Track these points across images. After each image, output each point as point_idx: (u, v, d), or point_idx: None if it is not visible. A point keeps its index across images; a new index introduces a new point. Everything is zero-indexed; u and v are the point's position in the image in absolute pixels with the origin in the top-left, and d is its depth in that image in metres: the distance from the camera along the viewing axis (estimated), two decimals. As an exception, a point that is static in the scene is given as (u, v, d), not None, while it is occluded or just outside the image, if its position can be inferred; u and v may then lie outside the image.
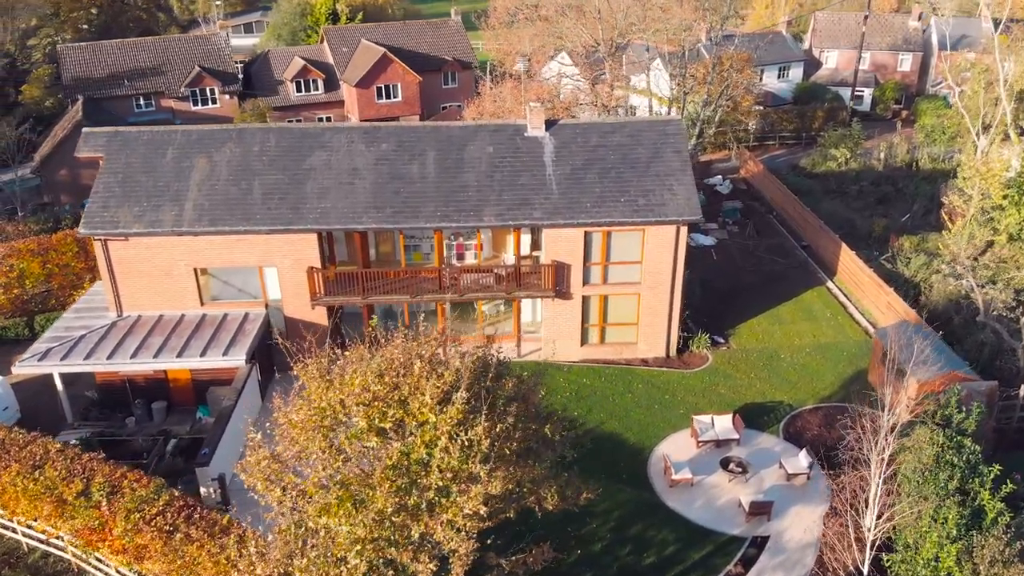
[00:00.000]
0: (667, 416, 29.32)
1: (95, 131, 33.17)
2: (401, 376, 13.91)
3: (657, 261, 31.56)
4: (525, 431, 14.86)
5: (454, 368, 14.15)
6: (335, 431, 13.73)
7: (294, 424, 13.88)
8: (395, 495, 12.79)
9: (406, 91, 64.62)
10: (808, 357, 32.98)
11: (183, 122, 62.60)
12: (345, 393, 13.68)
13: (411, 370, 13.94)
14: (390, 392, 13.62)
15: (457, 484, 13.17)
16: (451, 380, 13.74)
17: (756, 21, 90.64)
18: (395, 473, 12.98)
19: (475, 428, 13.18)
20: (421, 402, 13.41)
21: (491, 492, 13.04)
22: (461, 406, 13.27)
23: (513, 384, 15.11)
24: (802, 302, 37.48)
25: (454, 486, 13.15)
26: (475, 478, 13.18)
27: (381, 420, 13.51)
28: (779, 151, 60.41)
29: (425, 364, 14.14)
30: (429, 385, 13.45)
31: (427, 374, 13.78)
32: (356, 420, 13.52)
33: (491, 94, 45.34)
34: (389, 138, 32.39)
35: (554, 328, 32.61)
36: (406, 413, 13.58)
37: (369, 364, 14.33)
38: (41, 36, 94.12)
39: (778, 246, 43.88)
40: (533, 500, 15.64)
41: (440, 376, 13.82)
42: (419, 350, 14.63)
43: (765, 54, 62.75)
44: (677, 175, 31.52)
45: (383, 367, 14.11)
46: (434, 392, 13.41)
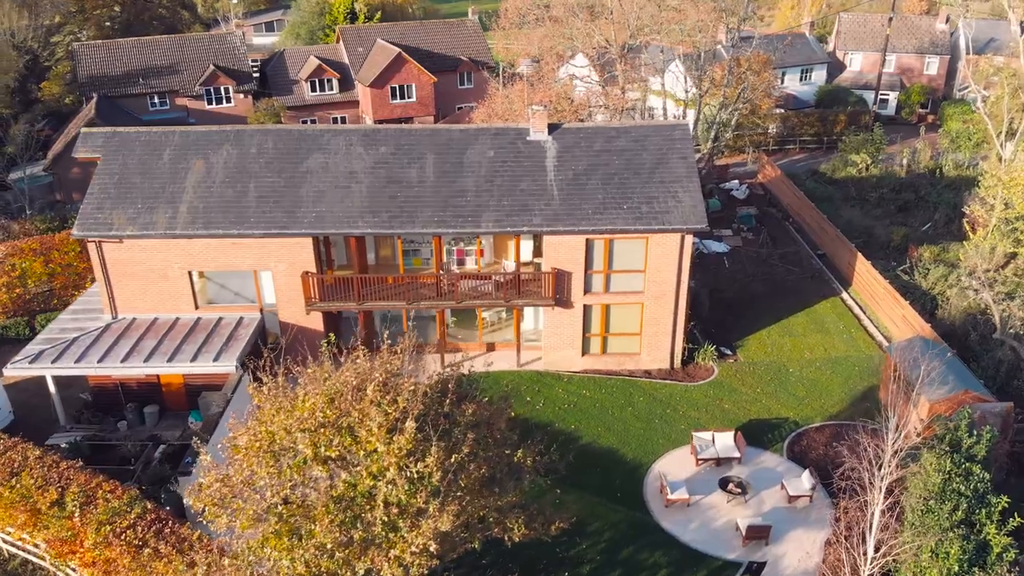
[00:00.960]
0: (667, 431, 28.34)
1: (93, 131, 32.85)
2: (352, 401, 13.15)
3: (661, 270, 30.58)
4: (490, 459, 14.01)
5: (407, 393, 13.32)
6: (282, 458, 13.01)
7: (238, 449, 13.19)
8: (337, 529, 12.04)
9: (421, 91, 64.03)
10: (818, 372, 31.81)
11: (197, 121, 62.57)
12: (294, 418, 12.96)
13: (364, 395, 13.18)
14: (340, 418, 12.87)
15: (404, 519, 12.37)
16: (403, 407, 12.94)
17: (782, 22, 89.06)
18: (337, 506, 12.23)
19: (426, 460, 12.38)
20: (368, 430, 12.64)
21: (440, 528, 12.23)
22: (411, 435, 12.47)
23: (474, 410, 14.23)
24: (815, 313, 36.25)
25: (401, 521, 12.36)
26: (424, 513, 12.38)
27: (327, 448, 12.77)
28: (799, 155, 59.00)
29: (378, 388, 13.35)
30: (377, 412, 12.66)
31: (378, 400, 13.00)
32: (301, 448, 12.79)
33: (501, 95, 44.49)
34: (388, 141, 31.71)
35: (554, 337, 31.75)
36: (354, 441, 12.83)
37: (322, 387, 13.55)
38: (64, 33, 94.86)
39: (793, 254, 42.64)
40: (499, 531, 14.78)
41: (393, 402, 13.02)
42: (373, 373, 13.80)
43: (787, 56, 61.42)
44: (683, 182, 30.52)
45: (335, 391, 13.34)
46: (382, 420, 12.62)
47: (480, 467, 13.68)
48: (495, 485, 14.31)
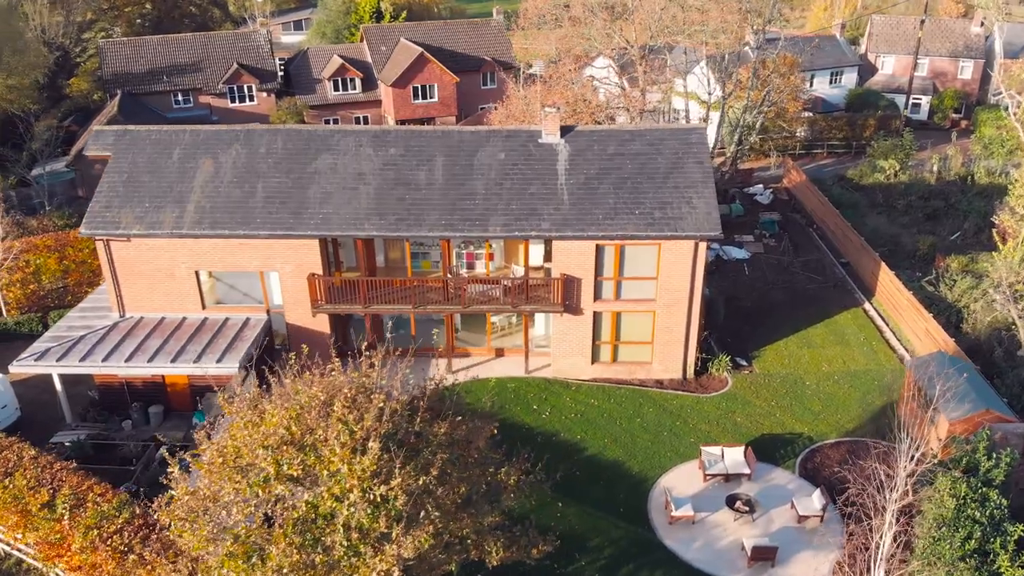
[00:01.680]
0: (676, 444, 27.53)
1: (105, 129, 32.80)
2: (318, 418, 12.60)
3: (674, 277, 29.77)
4: (467, 479, 13.38)
5: (375, 411, 12.71)
6: (249, 474, 12.52)
7: (200, 464, 12.73)
8: (296, 552, 11.52)
9: (443, 91, 63.61)
10: (835, 385, 30.78)
11: (220, 119, 62.71)
12: (260, 433, 12.46)
13: (332, 410, 12.63)
14: (305, 435, 12.34)
15: (367, 544, 11.80)
16: (369, 425, 12.35)
17: (815, 23, 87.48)
18: (295, 528, 11.70)
19: (390, 482, 11.79)
20: (331, 449, 12.09)
21: (404, 555, 11.64)
22: (374, 457, 11.89)
23: (448, 429, 13.58)
24: (835, 324, 35.16)
25: (363, 546, 11.80)
26: (388, 537, 11.81)
27: (289, 467, 12.25)
28: (827, 160, 57.65)
29: (346, 405, 12.79)
30: (343, 430, 12.08)
31: (345, 417, 12.44)
32: (263, 465, 12.28)
33: (518, 97, 43.90)
34: (398, 142, 31.25)
35: (563, 344, 31.08)
36: (318, 460, 12.30)
37: (291, 401, 13.03)
38: (96, 30, 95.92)
39: (815, 262, 41.51)
40: (476, 553, 14.15)
41: (359, 420, 12.44)
42: (343, 388, 13.21)
43: (816, 58, 60.08)
44: (698, 187, 29.68)
45: (302, 406, 12.80)
46: (346, 439, 12.06)
47: (455, 488, 13.06)
48: (471, 506, 13.68)
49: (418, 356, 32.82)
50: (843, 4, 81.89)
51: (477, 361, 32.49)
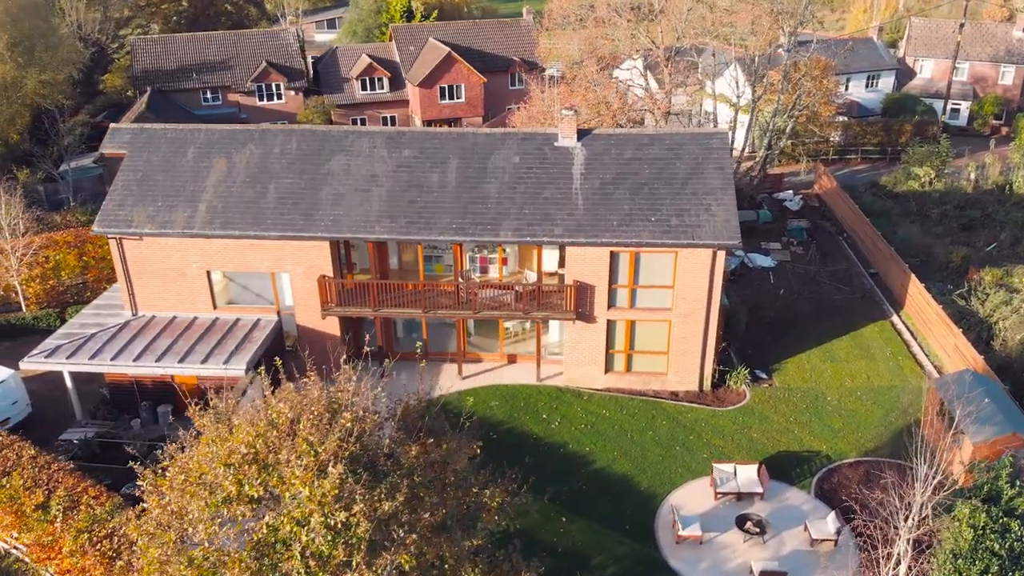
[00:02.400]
0: (688, 460, 26.68)
1: (121, 127, 32.80)
2: (284, 436, 12.08)
3: (690, 287, 28.90)
4: (441, 503, 12.74)
5: (341, 431, 12.11)
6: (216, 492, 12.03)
7: (162, 481, 12.30)
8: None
9: (470, 92, 63.17)
10: (858, 402, 29.68)
11: (248, 117, 62.93)
12: (225, 449, 11.98)
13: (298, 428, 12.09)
14: (269, 454, 11.84)
15: (325, 572, 11.25)
16: (334, 447, 11.77)
17: (854, 25, 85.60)
18: (253, 553, 11.20)
19: (353, 508, 11.22)
20: (293, 471, 11.55)
21: (365, 586, 11.08)
22: (335, 481, 11.32)
23: (419, 451, 12.95)
24: (860, 337, 33.98)
25: (322, 574, 11.24)
26: (349, 566, 11.25)
27: (250, 487, 11.76)
28: (861, 166, 56.13)
29: (314, 423, 12.24)
30: (304, 451, 11.52)
31: (310, 437, 11.90)
32: (225, 484, 11.79)
33: (540, 98, 43.24)
34: (412, 144, 30.77)
35: (576, 352, 30.37)
36: (280, 481, 11.78)
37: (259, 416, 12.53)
38: (132, 27, 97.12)
39: (843, 272, 40.25)
40: (453, 581, 13.51)
41: (324, 439, 11.88)
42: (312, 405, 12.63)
43: (852, 61, 58.53)
44: (717, 194, 28.78)
45: (271, 422, 12.28)
46: (309, 461, 11.51)
47: (430, 512, 12.42)
48: (446, 531, 13.07)
49: (430, 360, 32.40)
50: (883, 6, 79.87)
51: (489, 367, 31.91)
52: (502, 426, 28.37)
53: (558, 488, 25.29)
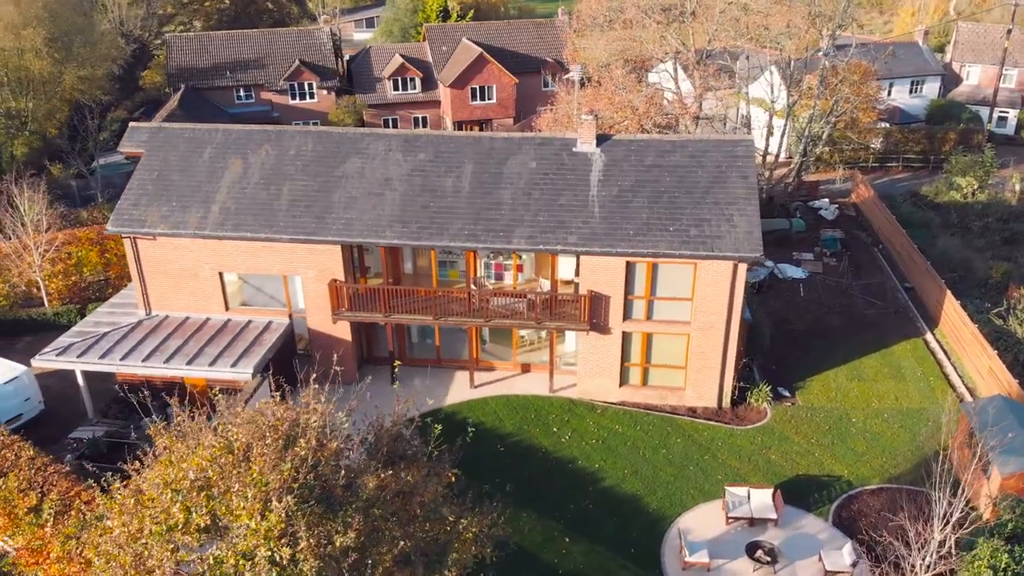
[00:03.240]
0: (701, 481, 25.65)
1: (140, 126, 32.72)
2: (238, 462, 11.46)
3: (710, 300, 27.85)
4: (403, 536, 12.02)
5: (296, 459, 11.44)
6: (160, 521, 11.45)
7: (110, 505, 11.79)
8: (190, 616, 10.46)
9: (501, 93, 62.52)
10: (884, 424, 28.34)
11: (280, 115, 63.06)
12: (178, 473, 11.42)
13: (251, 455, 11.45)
14: (220, 480, 11.24)
15: (268, 611, 10.65)
16: (284, 478, 11.10)
17: (901, 28, 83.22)
18: (192, 589, 10.64)
19: (299, 543, 10.55)
20: (238, 501, 10.93)
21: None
22: (281, 515, 10.65)
23: (384, 480, 12.20)
24: (891, 356, 32.54)
25: (265, 613, 10.65)
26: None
27: (198, 515, 11.18)
28: (902, 174, 54.25)
29: (263, 450, 11.59)
30: (252, 480, 10.88)
31: (262, 464, 11.26)
32: (174, 510, 11.23)
33: (566, 100, 42.37)
34: (428, 147, 30.18)
35: (590, 364, 29.50)
36: (229, 511, 11.17)
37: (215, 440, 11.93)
38: (175, 24, 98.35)
39: (877, 286, 38.71)
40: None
41: (274, 468, 11.23)
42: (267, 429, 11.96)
43: (895, 66, 56.65)
44: (740, 204, 27.68)
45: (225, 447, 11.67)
46: (256, 491, 10.87)
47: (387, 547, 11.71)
48: (409, 565, 12.36)
49: (443, 368, 31.88)
50: (931, 9, 77.35)
51: (501, 376, 31.20)
52: (510, 438, 27.63)
53: (563, 506, 24.50)
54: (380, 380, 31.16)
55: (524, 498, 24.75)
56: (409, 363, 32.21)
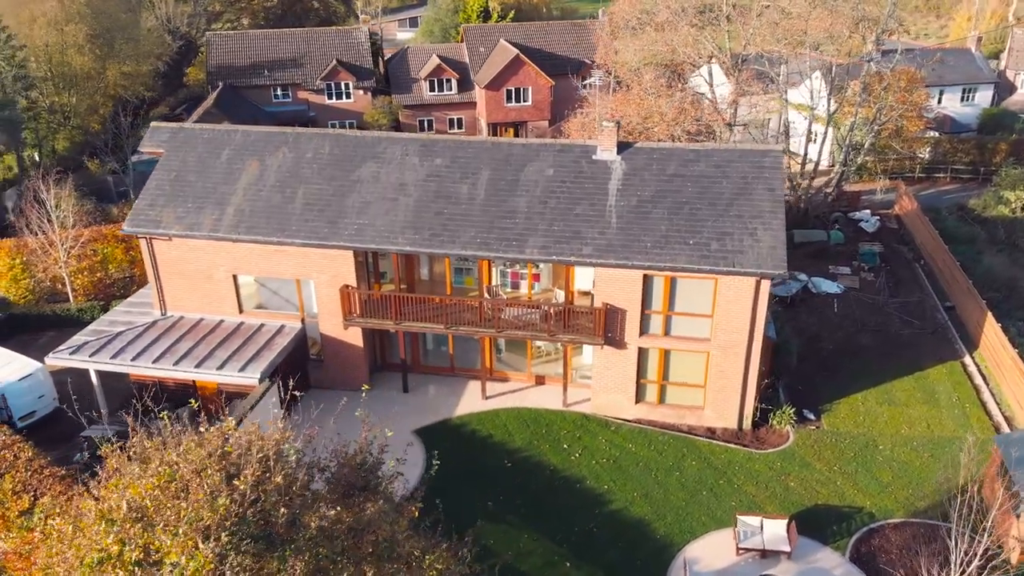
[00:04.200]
0: (713, 507, 24.54)
1: (161, 126, 32.67)
2: (179, 493, 10.84)
3: (731, 317, 26.69)
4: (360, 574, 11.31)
5: (234, 493, 10.76)
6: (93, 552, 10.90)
7: (49, 530, 11.30)
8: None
9: (537, 95, 61.70)
10: (913, 453, 26.87)
11: (317, 115, 63.12)
12: (115, 502, 10.87)
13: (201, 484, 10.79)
14: (157, 512, 10.63)
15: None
16: (220, 514, 10.44)
17: (956, 33, 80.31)
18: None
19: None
20: (170, 537, 10.32)
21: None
22: (210, 553, 10.02)
23: (320, 521, 11.39)
24: (925, 379, 30.95)
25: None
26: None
27: (130, 550, 10.60)
28: (949, 186, 52.07)
29: (205, 479, 10.95)
30: (186, 515, 10.24)
31: (198, 497, 10.62)
32: (107, 542, 10.68)
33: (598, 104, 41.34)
34: (445, 153, 29.53)
35: (605, 379, 28.56)
36: (161, 546, 10.55)
37: (157, 468, 11.34)
38: (223, 21, 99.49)
39: (915, 304, 37.00)
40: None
41: (209, 503, 10.59)
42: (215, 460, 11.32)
43: (946, 73, 54.43)
44: (765, 217, 26.47)
45: (167, 476, 11.07)
46: (188, 528, 10.23)
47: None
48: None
49: (456, 377, 31.27)
50: (988, 14, 74.39)
51: (515, 387, 30.46)
52: (519, 453, 26.85)
53: (567, 527, 23.63)
54: (392, 388, 30.68)
55: (527, 517, 23.98)
56: (423, 371, 31.70)
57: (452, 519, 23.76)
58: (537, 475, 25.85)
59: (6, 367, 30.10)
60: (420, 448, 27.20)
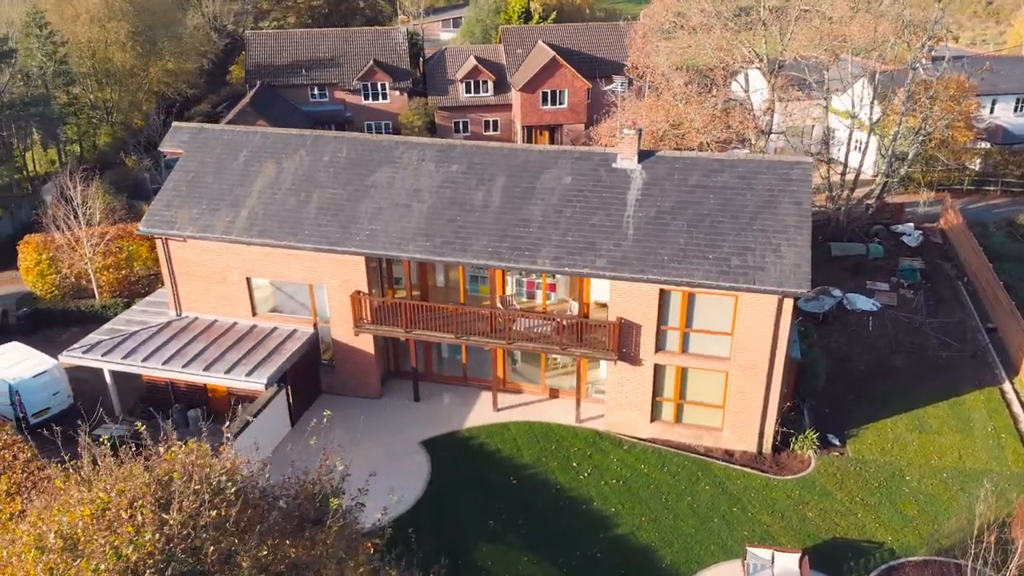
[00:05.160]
0: (724, 537, 23.42)
1: (182, 126, 32.58)
2: (108, 524, 10.27)
3: (752, 336, 25.52)
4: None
5: (161, 527, 10.15)
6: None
7: None
8: None
9: (573, 97, 60.81)
10: (942, 485, 25.38)
11: (353, 115, 63.08)
12: (49, 528, 10.36)
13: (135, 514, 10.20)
14: (85, 543, 10.09)
15: None
16: (149, 548, 9.83)
17: (1015, 39, 77.24)
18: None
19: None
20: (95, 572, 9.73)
21: None
22: None
23: (264, 558, 10.74)
24: (960, 406, 29.34)
25: None
26: None
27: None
28: (999, 200, 49.76)
29: (136, 511, 10.36)
30: (108, 550, 9.67)
31: (121, 532, 10.03)
32: (33, 572, 10.19)
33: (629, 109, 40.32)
34: (462, 159, 28.87)
35: (619, 395, 27.61)
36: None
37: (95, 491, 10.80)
38: (270, 20, 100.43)
39: (955, 325, 35.23)
40: None
41: (137, 535, 10.01)
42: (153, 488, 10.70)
43: (1000, 81, 52.08)
44: (790, 232, 25.25)
45: (103, 504, 10.54)
46: (111, 563, 9.64)
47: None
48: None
49: (469, 387, 30.63)
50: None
51: (528, 400, 29.69)
52: (526, 470, 26.06)
53: (570, 551, 22.76)
54: (403, 396, 30.13)
55: (529, 538, 23.18)
56: (436, 379, 31.12)
57: (450, 537, 23.25)
58: (543, 494, 25.02)
59: (22, 363, 30.23)
60: (425, 460, 26.59)
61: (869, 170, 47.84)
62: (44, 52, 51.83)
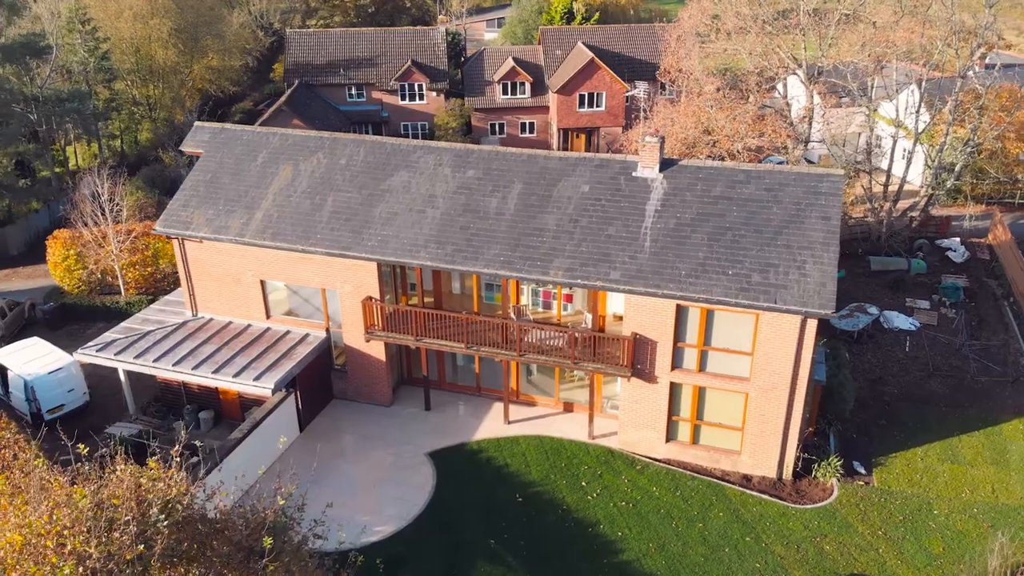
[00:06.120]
0: (734, 568, 22.30)
1: (203, 126, 32.46)
2: (36, 553, 9.74)
3: (773, 357, 24.34)
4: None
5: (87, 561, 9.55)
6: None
7: None
8: None
9: (611, 100, 59.57)
10: (971, 521, 23.89)
11: (390, 115, 62.88)
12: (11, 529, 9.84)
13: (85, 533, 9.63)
14: (16, 568, 9.60)
15: None
16: None
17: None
18: None
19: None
20: None
21: None
22: None
23: None
24: (997, 436, 27.70)
25: None
26: None
27: None
28: (1055, 215, 47.35)
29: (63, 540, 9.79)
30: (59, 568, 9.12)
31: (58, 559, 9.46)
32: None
33: (661, 114, 39.19)
34: (479, 164, 28.17)
35: (633, 413, 26.63)
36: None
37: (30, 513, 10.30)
38: (317, 18, 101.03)
39: (997, 348, 33.40)
40: None
41: (54, 570, 9.45)
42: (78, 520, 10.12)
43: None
44: (816, 249, 24.01)
45: (34, 528, 10.04)
46: None
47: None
48: None
49: (482, 397, 29.97)
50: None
51: (541, 413, 28.90)
52: (533, 487, 25.26)
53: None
54: (414, 405, 29.59)
55: (529, 561, 22.39)
56: (449, 388, 30.53)
57: (449, 555, 22.57)
58: (548, 514, 24.19)
59: (39, 359, 30.43)
60: (431, 473, 25.98)
61: (916, 180, 45.89)
62: (86, 48, 52.52)
